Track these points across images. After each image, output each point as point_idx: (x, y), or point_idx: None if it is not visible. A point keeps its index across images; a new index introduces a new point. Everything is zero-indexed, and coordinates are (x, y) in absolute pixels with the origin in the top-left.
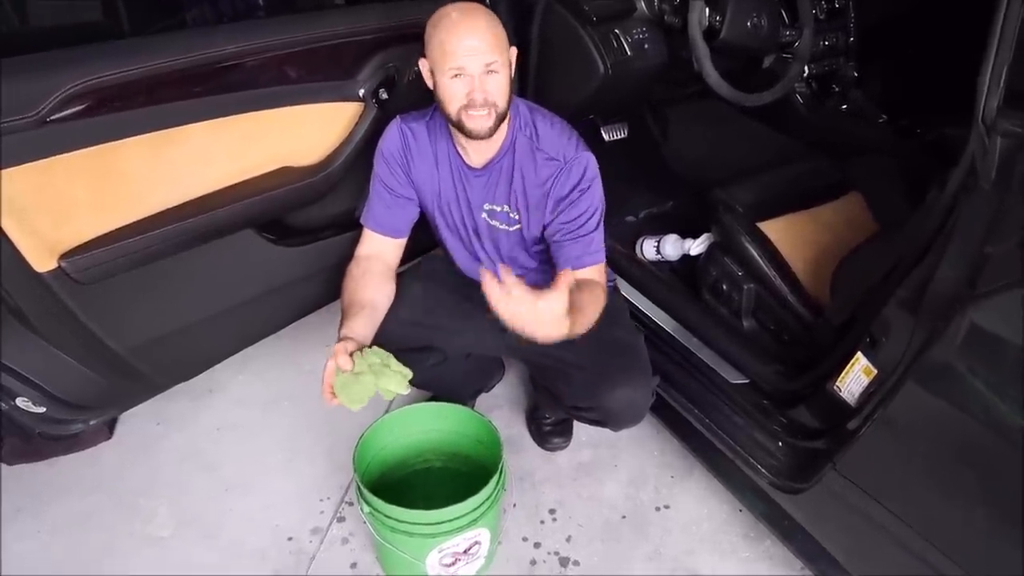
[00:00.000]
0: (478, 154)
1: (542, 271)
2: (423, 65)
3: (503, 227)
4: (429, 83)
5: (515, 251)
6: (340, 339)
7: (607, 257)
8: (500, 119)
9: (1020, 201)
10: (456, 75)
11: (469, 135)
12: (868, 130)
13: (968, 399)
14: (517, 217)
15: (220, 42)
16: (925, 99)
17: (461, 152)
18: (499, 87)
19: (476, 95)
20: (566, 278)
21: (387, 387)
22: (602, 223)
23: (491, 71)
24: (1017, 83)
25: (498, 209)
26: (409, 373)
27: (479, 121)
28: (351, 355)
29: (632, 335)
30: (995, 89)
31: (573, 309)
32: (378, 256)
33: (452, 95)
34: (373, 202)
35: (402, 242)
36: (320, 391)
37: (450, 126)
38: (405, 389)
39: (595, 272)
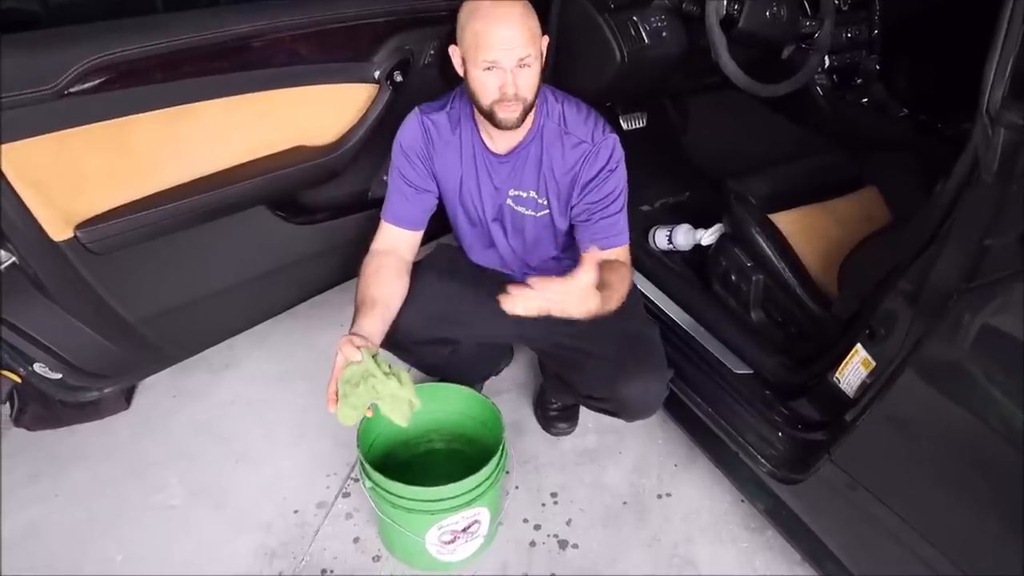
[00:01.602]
0: (504, 141)
1: (566, 258)
2: (454, 53)
3: (530, 213)
4: (460, 71)
5: (540, 238)
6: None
7: None
8: (528, 110)
9: (1021, 194)
10: (489, 68)
11: (498, 125)
12: (888, 124)
13: (964, 392)
14: (545, 203)
15: (237, 21)
16: (947, 95)
17: (485, 139)
18: (530, 81)
19: (508, 89)
20: (593, 256)
21: (390, 414)
22: (626, 205)
23: (524, 65)
24: (1023, 75)
25: (524, 195)
26: (418, 404)
27: (510, 113)
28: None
29: (648, 327)
30: (1000, 81)
31: (603, 286)
32: (393, 250)
33: (484, 87)
34: (392, 195)
35: (419, 234)
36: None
37: (475, 113)
38: (406, 422)
39: (621, 252)
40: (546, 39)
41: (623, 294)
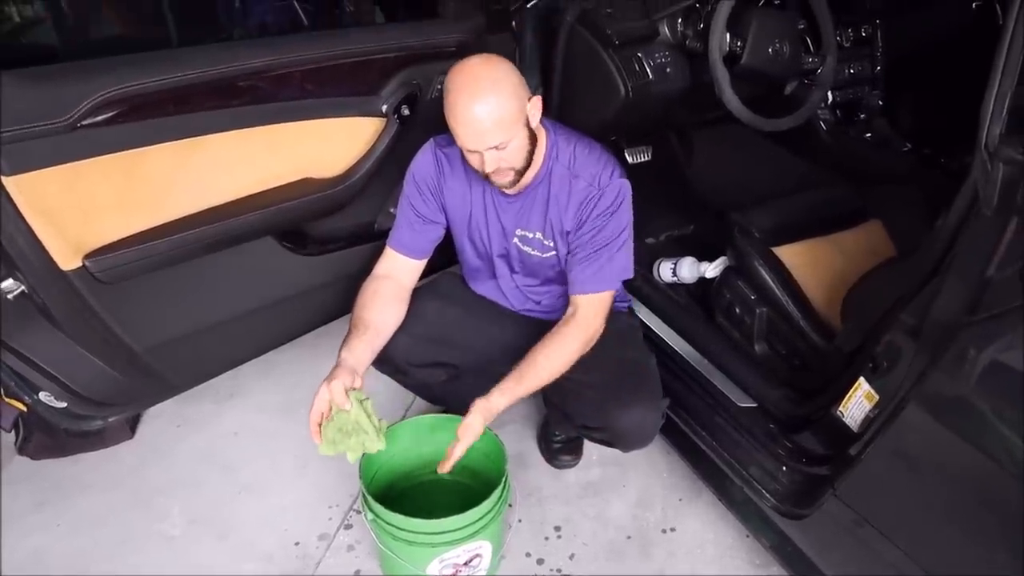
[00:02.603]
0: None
1: (563, 292)
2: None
3: (536, 253)
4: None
5: (546, 277)
6: (337, 364)
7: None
8: (521, 172)
9: (1021, 227)
10: (469, 151)
11: (496, 186)
12: (891, 158)
13: (967, 426)
14: (551, 244)
15: (249, 56)
16: (950, 129)
17: None
18: (513, 155)
19: (488, 168)
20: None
21: (369, 449)
22: (623, 252)
23: (500, 148)
24: (1019, 111)
25: (531, 235)
26: (384, 427)
27: (501, 179)
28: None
29: (644, 356)
30: (998, 116)
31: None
32: (394, 276)
33: (470, 160)
34: (400, 223)
35: (422, 263)
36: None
37: None
38: (383, 445)
39: (593, 301)
40: (536, 100)
41: (564, 357)
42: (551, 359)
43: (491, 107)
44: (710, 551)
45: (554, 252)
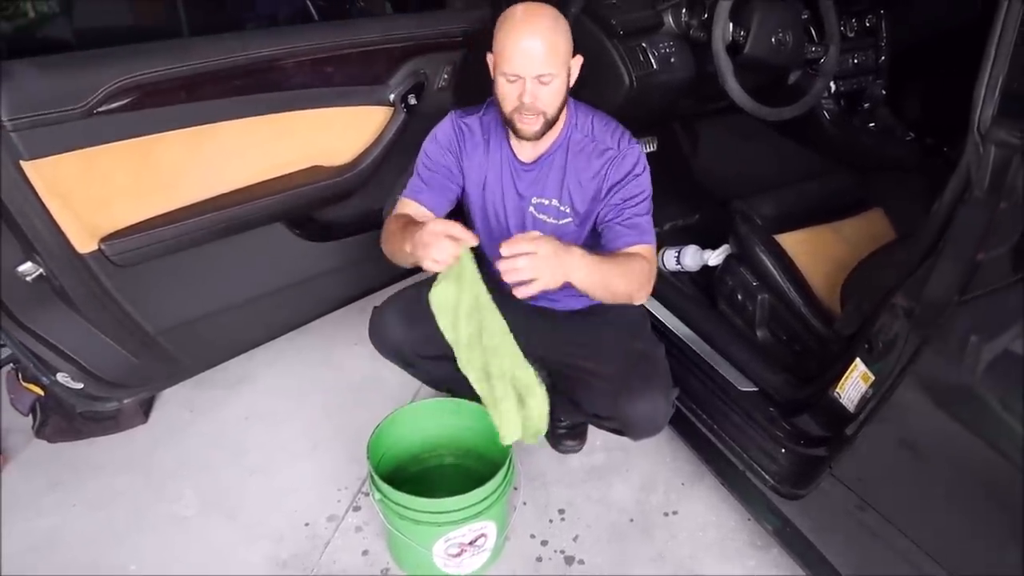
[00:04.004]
0: (530, 149)
1: None
2: (489, 58)
3: (551, 220)
4: (492, 76)
5: None
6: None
7: None
8: (549, 124)
9: (1011, 209)
10: (510, 79)
11: (517, 135)
12: (895, 147)
13: (959, 404)
14: (567, 211)
15: (259, 45)
16: (953, 118)
17: (513, 146)
18: (551, 96)
19: (525, 98)
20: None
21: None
22: (650, 211)
23: (543, 82)
24: (1012, 95)
25: (547, 203)
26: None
27: (528, 124)
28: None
29: (654, 346)
30: (990, 100)
31: (610, 261)
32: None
33: (505, 96)
34: (413, 180)
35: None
36: (346, 385)
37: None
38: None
39: (643, 249)
40: (579, 59)
41: (632, 281)
42: (620, 267)
43: (548, 35)
44: (711, 534)
45: (570, 219)
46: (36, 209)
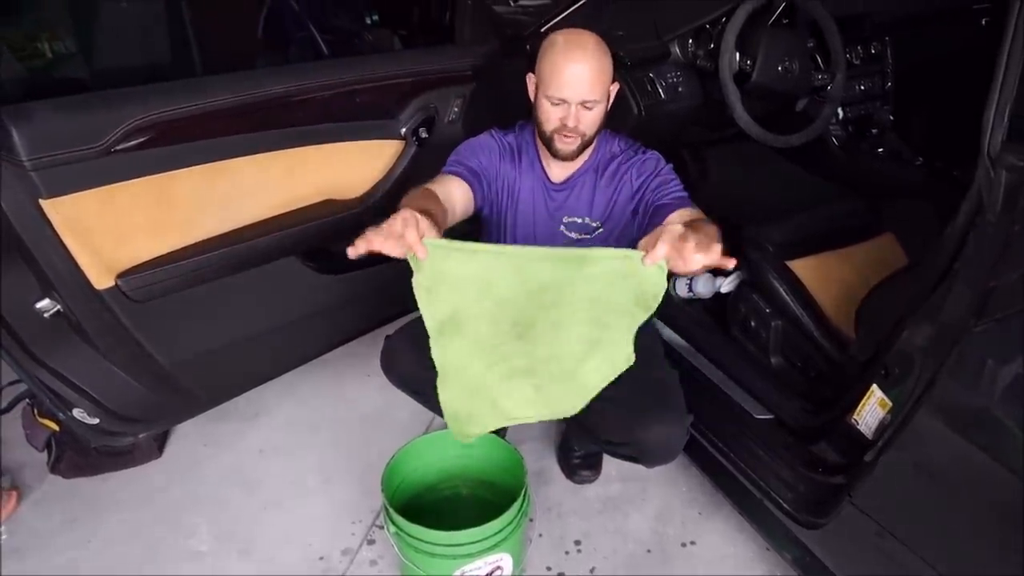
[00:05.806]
0: (561, 169)
1: None
2: (530, 79)
3: (584, 236)
4: (532, 96)
5: None
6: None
7: None
8: (585, 146)
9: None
10: (555, 103)
11: (555, 154)
12: (904, 172)
13: (977, 430)
14: (598, 225)
15: (272, 83)
16: (961, 142)
17: (545, 166)
18: (592, 121)
19: (569, 122)
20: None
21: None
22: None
23: (588, 107)
24: (1021, 118)
25: (578, 220)
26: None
27: (567, 144)
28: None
29: (668, 373)
30: (1000, 124)
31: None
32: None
33: (548, 116)
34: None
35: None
36: (359, 417)
37: (536, 140)
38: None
39: (699, 214)
40: (616, 85)
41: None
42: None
43: (596, 62)
44: (730, 564)
45: (601, 230)
46: (54, 246)
